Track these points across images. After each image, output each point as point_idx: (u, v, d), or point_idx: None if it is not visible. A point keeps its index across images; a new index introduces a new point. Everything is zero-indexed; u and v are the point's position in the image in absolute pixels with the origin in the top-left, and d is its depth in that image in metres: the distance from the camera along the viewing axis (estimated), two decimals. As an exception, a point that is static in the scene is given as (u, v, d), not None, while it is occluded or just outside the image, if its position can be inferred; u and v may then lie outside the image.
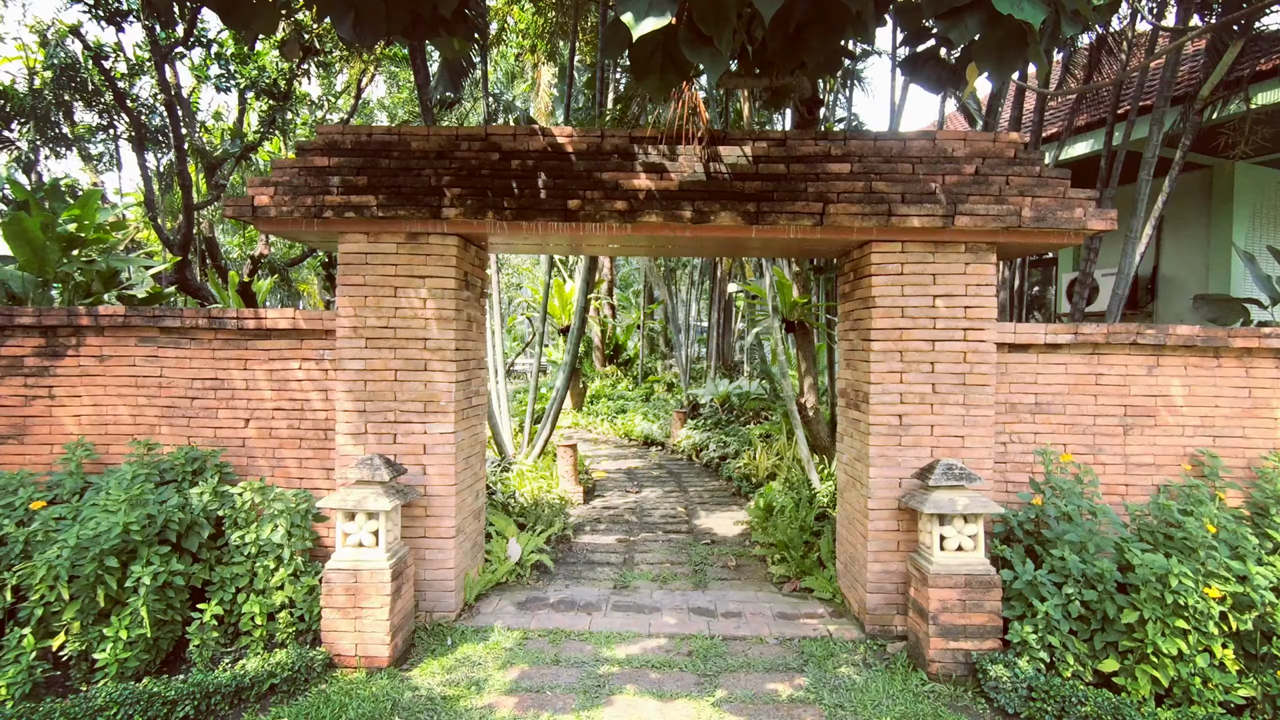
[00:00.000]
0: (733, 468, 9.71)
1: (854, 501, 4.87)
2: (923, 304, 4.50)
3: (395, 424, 4.64)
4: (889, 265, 4.51)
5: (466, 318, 4.91)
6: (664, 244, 4.95)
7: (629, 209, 4.40)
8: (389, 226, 4.55)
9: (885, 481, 4.52)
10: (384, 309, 4.61)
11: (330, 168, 4.52)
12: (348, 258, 4.63)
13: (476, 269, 5.15)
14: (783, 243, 4.78)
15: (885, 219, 4.33)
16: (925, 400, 4.51)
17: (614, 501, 8.61)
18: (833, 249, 5.04)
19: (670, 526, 7.39)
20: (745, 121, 7.60)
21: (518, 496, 7.69)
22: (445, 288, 4.60)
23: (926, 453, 4.51)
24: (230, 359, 4.89)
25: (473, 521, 5.14)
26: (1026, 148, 4.62)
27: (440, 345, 4.61)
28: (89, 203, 6.39)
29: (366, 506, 4.05)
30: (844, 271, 5.22)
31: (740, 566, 6.00)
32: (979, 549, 4.06)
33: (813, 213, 4.36)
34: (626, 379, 19.70)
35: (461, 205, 4.41)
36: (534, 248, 5.33)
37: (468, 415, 4.96)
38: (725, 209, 4.38)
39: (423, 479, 4.64)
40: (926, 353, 4.51)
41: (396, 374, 4.63)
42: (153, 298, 8.38)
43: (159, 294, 8.55)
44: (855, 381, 4.87)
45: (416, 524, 4.66)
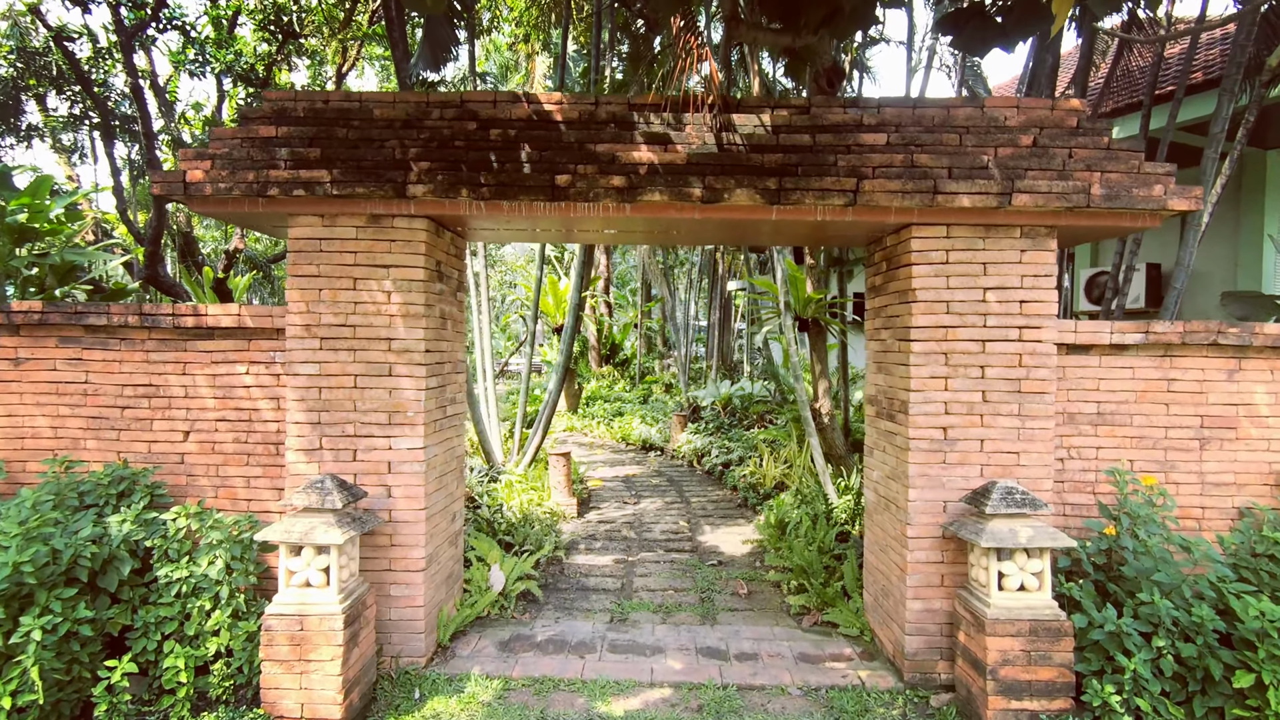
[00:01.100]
0: (737, 476, 9.06)
1: (887, 526, 4.22)
2: (971, 298, 3.86)
3: (355, 438, 3.97)
4: (932, 253, 3.86)
5: (439, 314, 4.24)
6: (668, 228, 4.30)
7: (628, 186, 3.74)
8: (346, 207, 3.88)
9: (927, 505, 3.87)
10: (341, 304, 3.95)
11: (278, 138, 3.86)
12: (299, 244, 3.96)
13: (452, 259, 4.48)
14: (806, 226, 4.13)
15: (929, 197, 3.68)
16: (974, 410, 3.86)
17: (611, 514, 7.95)
18: (860, 235, 4.39)
19: (672, 544, 6.74)
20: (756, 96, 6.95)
21: (505, 511, 7.03)
22: (413, 279, 3.94)
23: (975, 472, 3.87)
24: (167, 362, 4.22)
25: (448, 548, 4.48)
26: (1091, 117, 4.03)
27: (407, 346, 3.95)
28: (39, 191, 5.71)
29: (314, 540, 3.38)
30: (873, 262, 4.57)
31: (753, 594, 5.35)
32: (1045, 589, 3.41)
33: (844, 190, 3.71)
34: (624, 380, 19.05)
35: (430, 181, 3.75)
36: (519, 234, 4.67)
37: (441, 427, 4.30)
38: (741, 186, 3.72)
39: (387, 502, 3.98)
40: (975, 355, 3.86)
41: (356, 380, 3.96)
42: (115, 294, 7.69)
43: (122, 290, 7.86)
44: (889, 388, 4.22)
45: (380, 555, 4.00)
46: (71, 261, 6.25)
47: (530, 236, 4.81)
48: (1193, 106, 6.89)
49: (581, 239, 4.85)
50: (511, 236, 4.82)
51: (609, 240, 4.89)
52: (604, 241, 5.01)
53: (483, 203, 3.83)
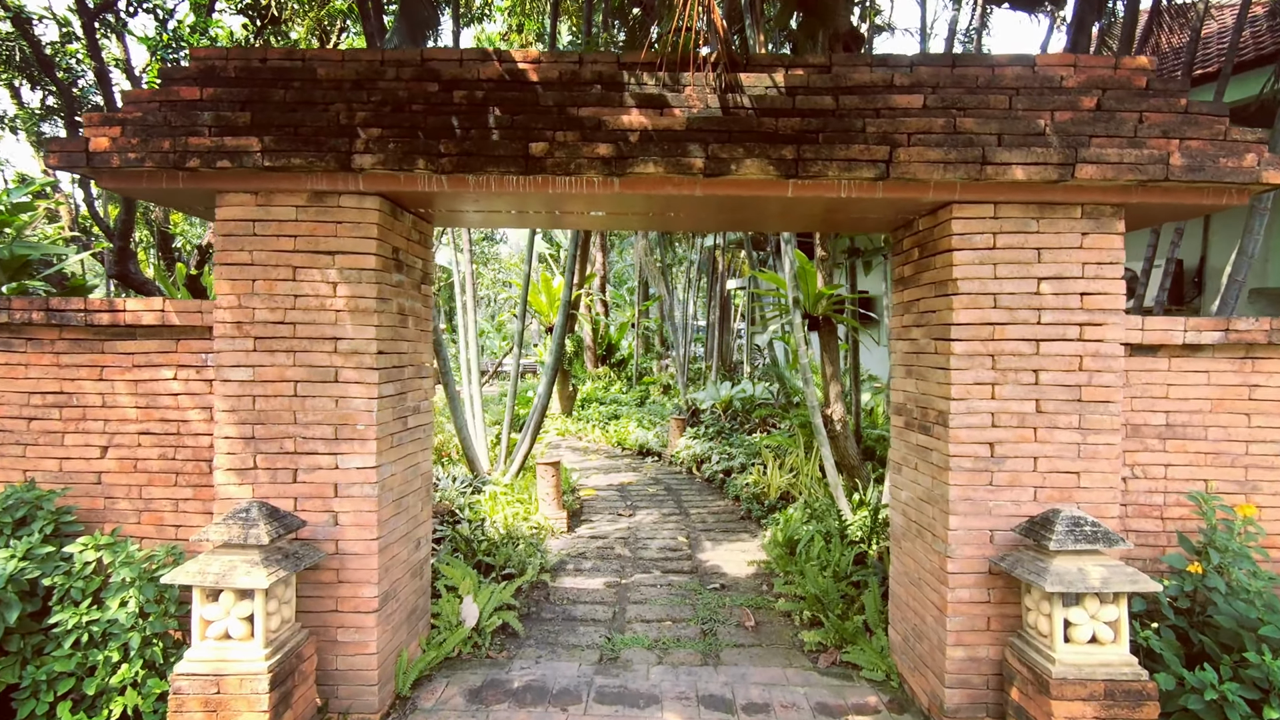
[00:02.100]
0: (740, 485, 8.46)
1: (921, 557, 3.63)
2: (1023, 290, 3.26)
3: (295, 456, 3.37)
4: (976, 236, 3.27)
5: (397, 310, 3.64)
6: (665, 209, 3.69)
7: (616, 156, 3.14)
8: (283, 182, 3.27)
9: (971, 535, 3.28)
10: (279, 297, 3.35)
11: (204, 101, 3.25)
12: (228, 227, 3.35)
13: (414, 246, 3.88)
14: (823, 207, 3.53)
15: (977, 169, 3.08)
16: (1026, 423, 3.27)
17: (603, 528, 7.35)
18: (886, 217, 3.79)
19: (670, 564, 6.13)
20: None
21: (487, 526, 6.43)
22: (363, 267, 3.34)
23: (1028, 495, 3.27)
24: (81, 366, 3.62)
25: (410, 581, 3.87)
26: (1161, 76, 3.46)
27: (356, 347, 3.34)
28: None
29: (233, 583, 2.78)
30: (901, 249, 3.97)
31: (760, 626, 4.75)
32: (1122, 641, 2.82)
33: (874, 160, 3.11)
34: (620, 381, 18.44)
35: (380, 150, 3.15)
36: (493, 217, 4.06)
37: (400, 441, 3.69)
38: (751, 155, 3.12)
39: (332, 531, 3.38)
40: (1028, 357, 3.27)
41: (296, 387, 3.36)
42: (74, 290, 7.09)
43: (80, 286, 7.24)
44: (923, 396, 3.62)
45: (324, 594, 3.39)
46: (24, 256, 5.63)
47: (508, 220, 4.21)
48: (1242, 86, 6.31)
49: (567, 223, 4.25)
50: (485, 220, 4.21)
51: (597, 225, 4.29)
52: (592, 227, 4.41)
53: (443, 176, 3.23)
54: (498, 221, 4.26)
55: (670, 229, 4.41)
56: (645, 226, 4.30)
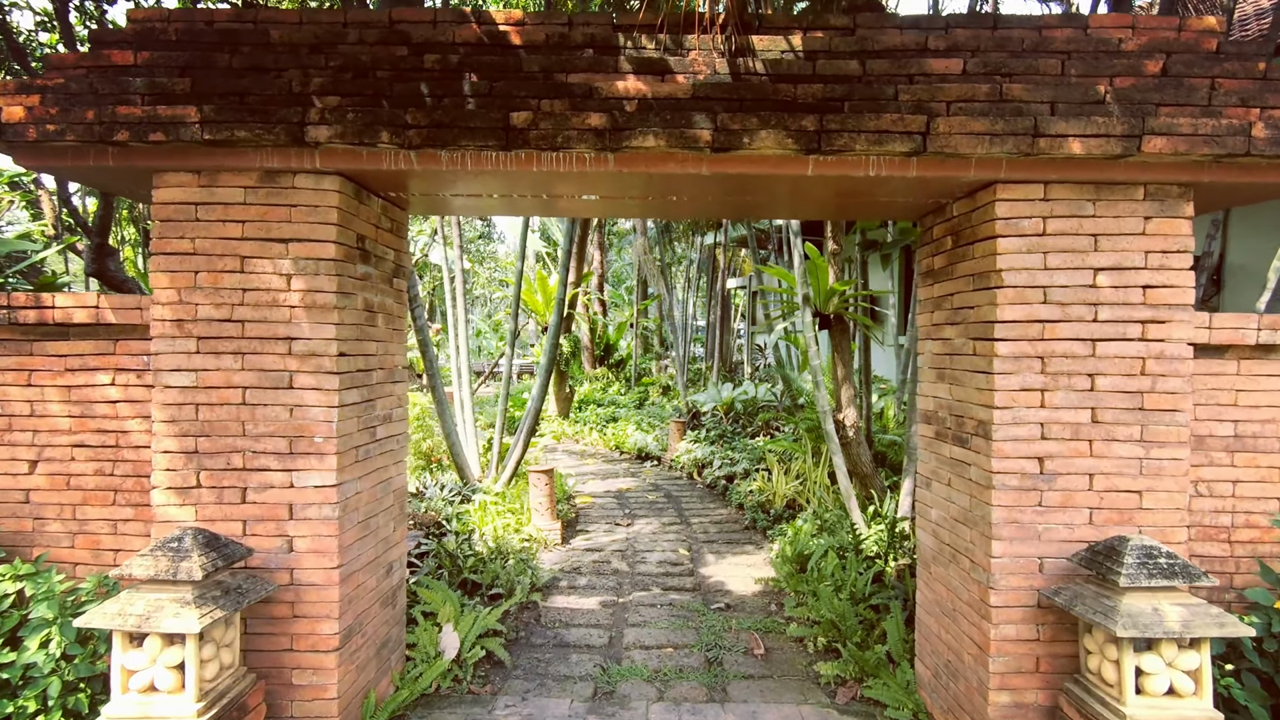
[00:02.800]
0: (743, 493, 8.05)
1: (956, 585, 3.21)
2: (1077, 283, 2.85)
3: (244, 473, 2.94)
4: (1024, 221, 2.85)
5: (363, 306, 3.22)
6: (667, 190, 3.27)
7: (611, 127, 2.72)
8: (228, 159, 2.85)
9: (1017, 564, 2.86)
10: (225, 292, 2.92)
11: (138, 66, 2.83)
12: (167, 211, 2.93)
13: (384, 234, 3.45)
14: (847, 186, 3.11)
15: (1028, 141, 2.67)
16: (1080, 434, 2.85)
17: (600, 540, 6.93)
18: (916, 200, 3.38)
19: (671, 581, 5.72)
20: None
21: (475, 540, 6.01)
22: (321, 257, 2.92)
23: (1082, 518, 2.86)
24: (5, 370, 3.20)
25: (380, 611, 3.45)
26: (1232, 39, 3.08)
27: (313, 349, 2.92)
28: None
29: (159, 626, 2.36)
30: (932, 238, 3.55)
31: (770, 653, 4.33)
32: (1204, 694, 2.40)
33: (909, 132, 2.69)
34: (619, 382, 18.01)
35: (338, 121, 2.72)
36: (475, 202, 3.64)
37: (367, 455, 3.27)
38: (767, 126, 2.70)
39: (286, 559, 2.95)
40: (1083, 360, 2.85)
41: (245, 394, 2.94)
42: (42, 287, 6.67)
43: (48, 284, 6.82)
44: (959, 403, 3.20)
45: (277, 630, 2.97)
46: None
47: (493, 206, 3.79)
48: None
49: (558, 209, 3.83)
50: (467, 206, 3.79)
51: (592, 211, 3.88)
52: (586, 213, 3.99)
53: (411, 152, 2.81)
54: (481, 208, 3.84)
55: (672, 216, 4.00)
56: (644, 213, 3.89)
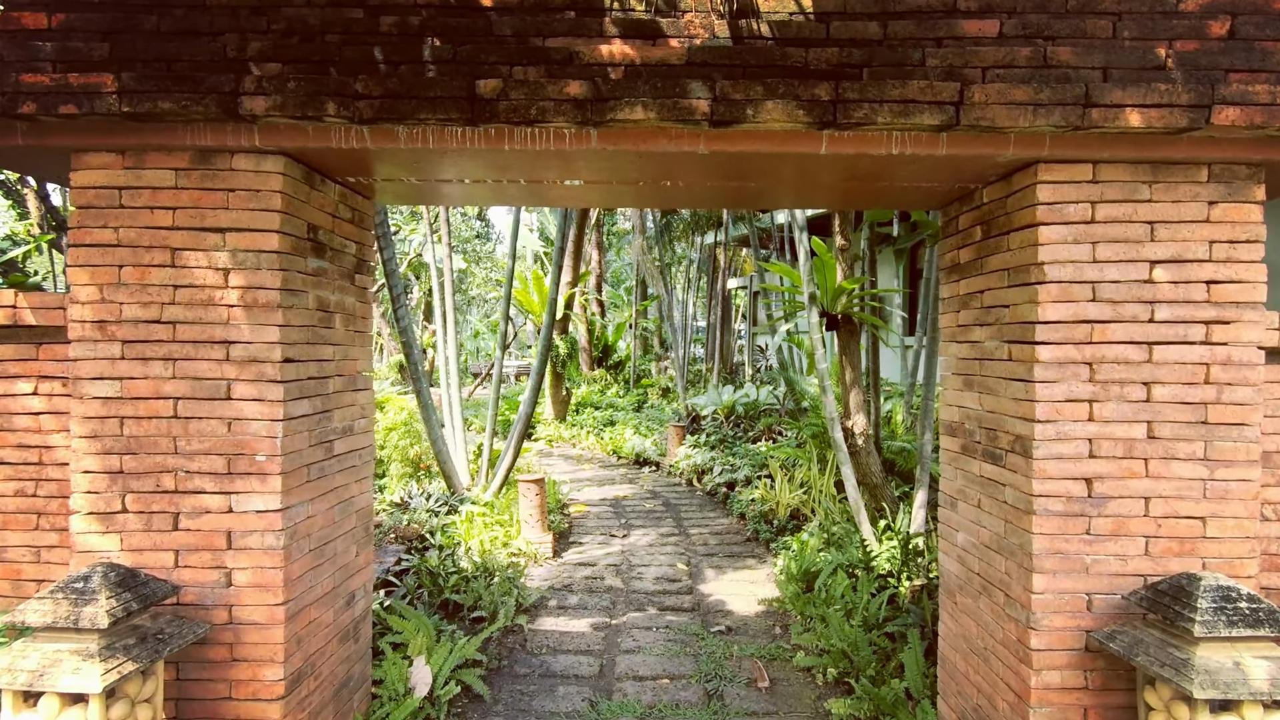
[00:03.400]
0: (744, 501, 7.68)
1: (988, 620, 2.84)
2: (1130, 277, 2.48)
3: (175, 495, 2.58)
4: (1070, 207, 2.48)
5: (315, 305, 2.84)
6: (659, 173, 2.90)
7: (593, 97, 2.35)
8: (156, 136, 2.49)
9: (1062, 600, 2.49)
10: (154, 289, 2.56)
11: (52, 30, 2.46)
12: (87, 197, 2.56)
13: (342, 224, 3.08)
14: (863, 168, 2.74)
15: (1079, 111, 2.30)
16: (1135, 452, 2.48)
17: (593, 553, 6.56)
18: (940, 186, 3.00)
19: (668, 599, 5.34)
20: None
21: (460, 555, 5.64)
22: (263, 249, 2.55)
23: (1137, 548, 2.48)
24: (-85, 377, 2.83)
25: (339, 648, 3.08)
26: None
27: (254, 354, 2.55)
28: None
29: (55, 684, 1.99)
30: (957, 229, 3.18)
31: (776, 685, 3.96)
32: (1295, 764, 2.03)
33: (940, 101, 2.32)
34: (617, 384, 17.65)
35: (277, 91, 2.36)
36: (440, 189, 3.26)
37: (323, 473, 2.90)
38: (775, 96, 2.33)
39: (225, 594, 2.58)
40: (1137, 366, 2.48)
41: (177, 405, 2.57)
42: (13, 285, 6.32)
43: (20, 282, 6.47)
44: (990, 415, 2.83)
45: (214, 676, 2.60)
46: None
47: (465, 193, 3.42)
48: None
49: (540, 198, 3.46)
50: (438, 193, 3.42)
51: (577, 199, 3.51)
52: (571, 201, 3.62)
53: (364, 127, 2.44)
54: (454, 196, 3.47)
55: (667, 204, 3.63)
56: (635, 201, 3.52)
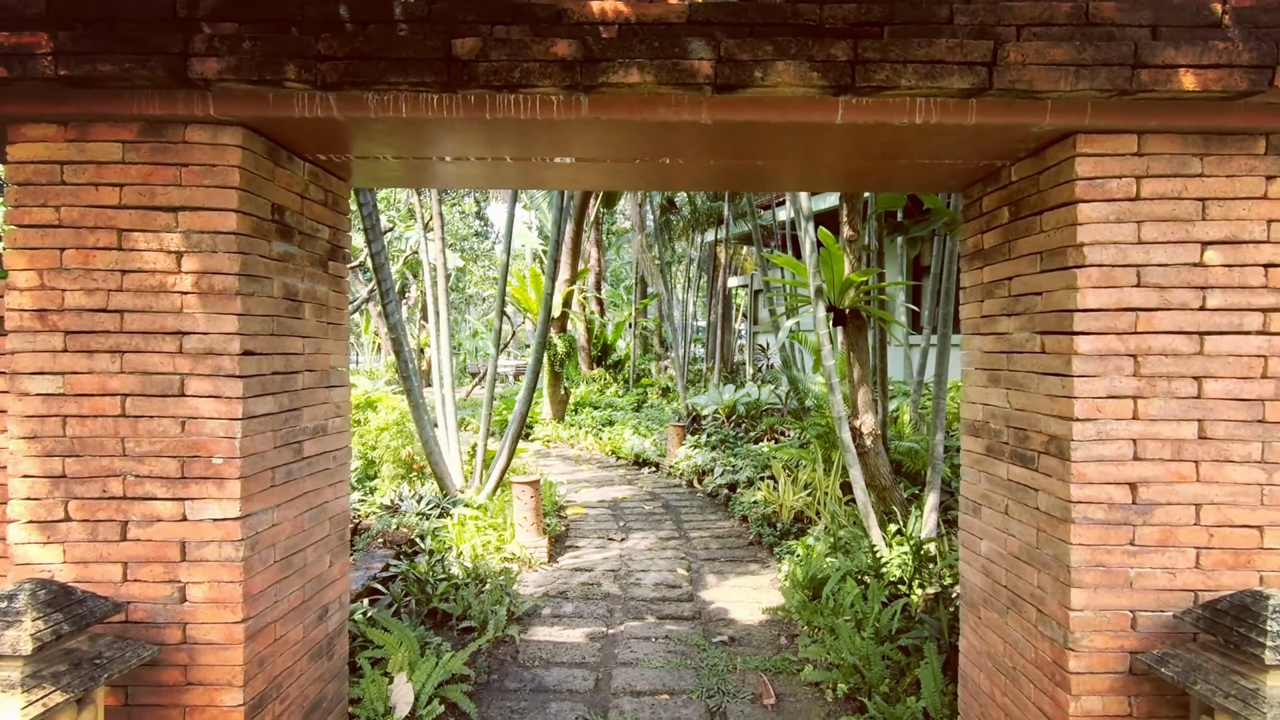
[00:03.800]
0: (747, 504, 7.44)
1: (1017, 638, 2.60)
2: (1179, 260, 2.24)
3: (123, 502, 2.34)
4: (1113, 182, 2.24)
5: (281, 293, 2.60)
6: (658, 148, 2.65)
7: (584, 58, 2.11)
8: (101, 104, 2.25)
9: (1103, 618, 2.25)
10: (99, 275, 2.32)
11: (-15, -10, 2.22)
12: (25, 173, 2.32)
13: (313, 205, 2.84)
14: (885, 139, 2.50)
15: (1127, 74, 2.06)
16: (1184, 453, 2.24)
17: (590, 557, 6.32)
18: (963, 164, 2.76)
19: (668, 607, 5.10)
20: None
21: (451, 560, 5.41)
22: (219, 230, 2.31)
23: (1187, 560, 2.24)
24: None
25: (310, 666, 2.84)
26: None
27: (211, 346, 2.32)
28: None
29: (-32, 719, 1.75)
30: (981, 211, 2.94)
31: (783, 702, 3.72)
32: (1379, 809, 1.79)
33: (970, 63, 2.08)
34: (616, 383, 17.42)
35: (231, 52, 2.11)
36: (420, 169, 3.01)
37: (291, 477, 2.66)
38: (785, 56, 2.09)
39: (178, 611, 2.34)
40: (1186, 359, 2.24)
41: (125, 403, 2.33)
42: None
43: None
44: (1019, 413, 2.59)
45: (166, 702, 2.36)
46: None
47: (451, 174, 3.18)
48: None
49: (529, 179, 3.22)
50: (418, 174, 3.18)
51: (571, 181, 3.27)
52: (565, 184, 3.39)
53: (329, 94, 2.20)
54: (435, 176, 3.23)
55: (665, 186, 3.39)
56: (632, 182, 3.28)
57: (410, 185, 3.56)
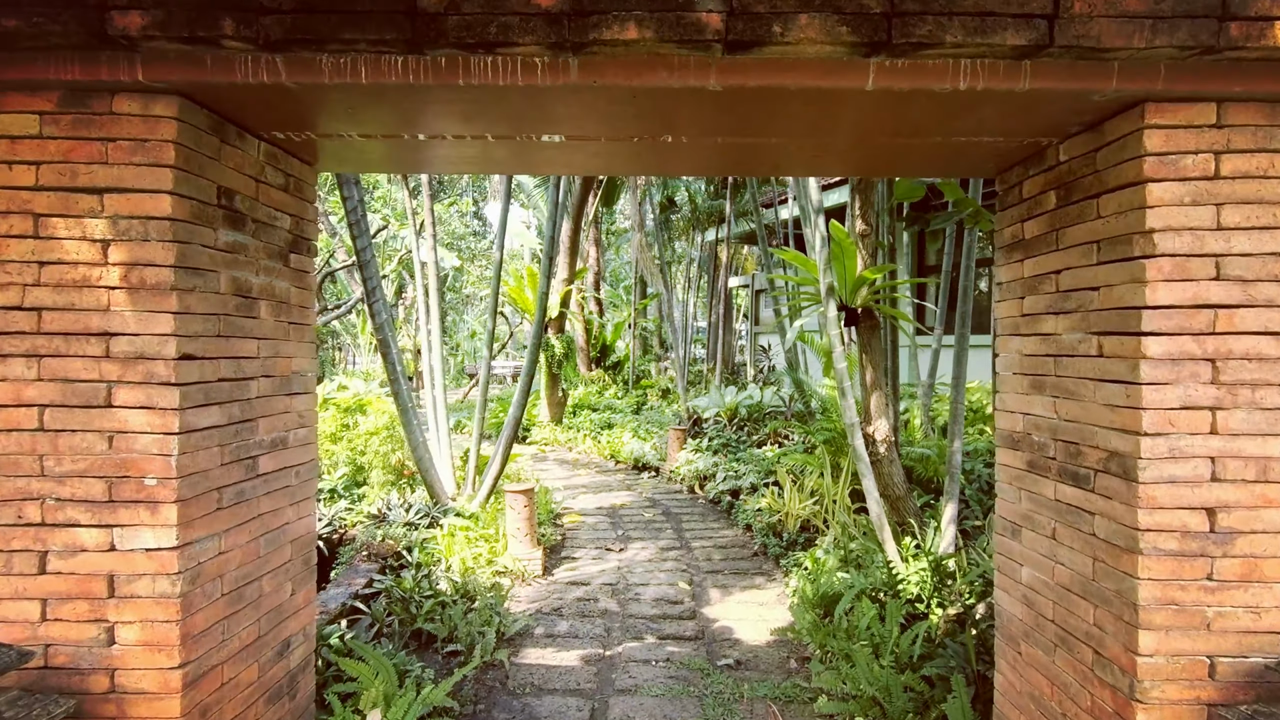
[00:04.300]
0: (751, 512, 7.13)
1: (1069, 682, 2.28)
2: (1266, 249, 1.93)
3: (42, 529, 2.02)
4: (1186, 159, 1.93)
5: (230, 288, 2.29)
6: (658, 123, 2.33)
7: (572, 10, 1.79)
8: (10, 69, 1.93)
9: (1176, 666, 1.94)
10: (13, 267, 2.01)
11: (-120, -63, 1.91)
12: (-72, 148, 2.02)
13: (270, 191, 2.53)
14: (921, 111, 2.19)
15: (1213, 27, 1.74)
16: (1271, 474, 1.93)
17: (587, 569, 6.01)
18: (1004, 144, 2.45)
19: (669, 626, 4.79)
20: None
21: (439, 575, 5.10)
22: (152, 215, 2.00)
23: (1276, 597, 1.93)
24: None
25: (267, 709, 2.52)
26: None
27: (142, 349, 2.00)
28: None
29: None
30: (1022, 197, 2.62)
31: (794, 737, 3.41)
32: None
33: (1029, 15, 1.77)
34: (616, 385, 17.10)
35: (157, 4, 1.80)
36: (391, 149, 2.70)
37: (241, 498, 2.35)
38: (808, 9, 1.78)
39: (106, 656, 2.03)
40: (1274, 363, 1.93)
41: (44, 415, 2.02)
42: None
43: None
44: (1070, 425, 2.27)
45: (90, 760, 2.05)
46: None
47: (428, 159, 2.87)
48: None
49: (521, 161, 2.90)
50: (392, 157, 2.86)
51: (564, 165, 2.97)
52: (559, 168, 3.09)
53: (276, 56, 1.88)
54: (410, 160, 2.92)
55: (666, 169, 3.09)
56: (629, 164, 2.97)
57: (386, 170, 3.26)
